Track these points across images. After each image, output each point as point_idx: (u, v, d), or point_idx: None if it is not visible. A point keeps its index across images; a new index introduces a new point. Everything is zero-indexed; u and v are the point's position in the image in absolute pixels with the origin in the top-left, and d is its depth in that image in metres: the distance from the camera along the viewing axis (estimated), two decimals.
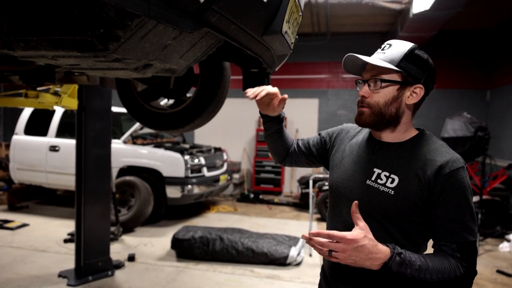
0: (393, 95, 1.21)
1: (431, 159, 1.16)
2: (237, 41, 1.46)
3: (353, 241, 1.06)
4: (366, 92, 1.24)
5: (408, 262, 1.08)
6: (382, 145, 1.28)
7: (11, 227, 5.31)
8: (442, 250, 1.14)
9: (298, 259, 4.24)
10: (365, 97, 1.24)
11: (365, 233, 1.08)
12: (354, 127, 1.48)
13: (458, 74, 7.87)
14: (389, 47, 1.22)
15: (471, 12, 6.30)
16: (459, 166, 1.14)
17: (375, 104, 1.22)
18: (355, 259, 1.07)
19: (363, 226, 1.09)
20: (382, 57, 1.21)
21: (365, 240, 1.06)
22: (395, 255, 1.08)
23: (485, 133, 5.18)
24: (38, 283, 3.60)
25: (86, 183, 3.66)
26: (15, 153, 6.40)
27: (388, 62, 1.19)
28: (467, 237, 1.12)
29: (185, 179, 5.56)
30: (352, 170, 1.31)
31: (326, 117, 8.56)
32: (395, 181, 1.18)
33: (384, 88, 1.21)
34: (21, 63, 1.91)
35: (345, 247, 1.06)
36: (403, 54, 1.19)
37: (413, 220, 1.17)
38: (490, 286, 3.89)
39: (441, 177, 1.13)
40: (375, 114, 1.22)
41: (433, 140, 1.25)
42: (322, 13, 7.02)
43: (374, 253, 1.07)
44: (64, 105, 3.67)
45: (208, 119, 2.44)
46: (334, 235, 1.07)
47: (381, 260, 1.07)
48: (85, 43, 1.13)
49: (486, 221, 5.39)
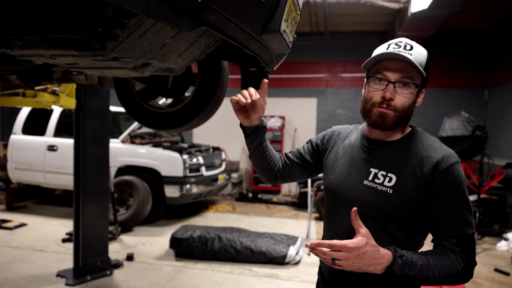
0: (413, 99, 1.22)
1: (427, 156, 1.17)
2: (235, 40, 1.46)
3: (355, 249, 1.06)
4: (394, 94, 1.18)
5: (410, 263, 1.09)
6: (377, 144, 1.27)
7: (9, 226, 5.30)
8: (442, 245, 1.16)
9: (297, 258, 4.24)
10: (392, 100, 1.19)
11: (367, 239, 1.08)
12: (344, 129, 1.46)
13: (456, 73, 7.88)
14: (412, 49, 1.18)
15: (469, 11, 6.31)
16: (454, 161, 1.16)
17: (401, 107, 1.20)
18: (359, 265, 1.08)
19: (364, 233, 1.09)
20: (412, 59, 1.16)
21: (367, 246, 1.07)
22: (397, 258, 1.09)
23: (483, 132, 5.19)
24: (37, 283, 3.59)
25: (84, 182, 3.65)
26: (13, 152, 6.38)
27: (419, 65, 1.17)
28: (466, 230, 1.14)
29: (184, 179, 5.56)
30: (347, 171, 1.31)
31: (325, 117, 8.56)
32: (392, 179, 1.19)
33: (414, 93, 1.21)
34: (18, 62, 1.90)
35: (347, 255, 1.07)
36: (426, 58, 1.20)
37: (411, 217, 1.18)
38: (488, 285, 3.90)
39: (438, 174, 1.14)
40: (399, 117, 1.20)
41: (426, 136, 1.26)
42: (321, 12, 7.03)
43: (376, 258, 1.07)
44: (62, 104, 3.66)
45: (206, 118, 2.43)
46: (335, 245, 1.07)
47: (384, 265, 1.08)
48: (83, 42, 1.13)
49: (484, 220, 5.41)
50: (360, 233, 1.09)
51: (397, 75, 1.18)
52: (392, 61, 1.19)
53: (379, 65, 1.22)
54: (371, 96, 1.23)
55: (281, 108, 8.60)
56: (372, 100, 1.22)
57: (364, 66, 1.27)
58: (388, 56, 1.18)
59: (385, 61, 1.20)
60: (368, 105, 1.24)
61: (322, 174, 1.46)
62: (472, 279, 3.95)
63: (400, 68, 1.18)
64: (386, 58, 1.20)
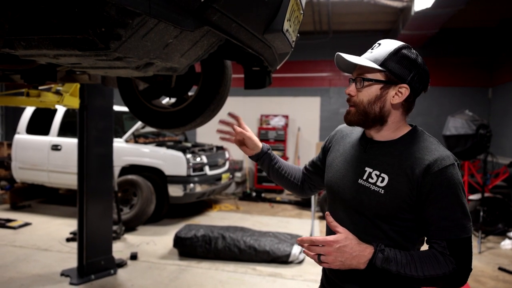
0: (376, 94, 1.21)
1: (420, 158, 1.16)
2: (238, 39, 1.46)
3: (335, 242, 1.12)
4: (352, 90, 1.25)
5: (392, 258, 1.11)
6: (374, 144, 1.28)
7: (13, 226, 5.33)
8: (432, 247, 1.16)
9: (300, 257, 4.24)
10: (352, 96, 1.25)
11: (346, 234, 1.14)
12: (348, 127, 1.47)
13: (460, 72, 7.85)
14: (378, 46, 1.23)
15: (472, 10, 6.28)
16: (448, 164, 1.13)
17: (360, 103, 1.23)
18: (341, 259, 1.12)
19: (342, 230, 1.15)
20: (368, 56, 1.22)
21: (347, 240, 1.13)
22: (378, 252, 1.12)
23: (486, 131, 5.17)
24: (41, 282, 3.61)
25: (88, 182, 3.67)
26: (17, 152, 6.41)
27: (372, 61, 1.19)
28: (460, 234, 1.12)
29: (187, 178, 5.57)
30: (345, 169, 1.33)
31: (328, 115, 8.54)
32: (385, 180, 1.19)
33: (367, 87, 1.21)
34: (22, 62, 1.91)
35: (329, 249, 1.12)
36: (388, 53, 1.19)
37: (404, 218, 1.18)
38: (491, 284, 3.88)
39: (429, 176, 1.13)
40: (360, 113, 1.23)
41: (424, 137, 1.23)
42: (324, 11, 7.01)
43: (357, 251, 1.12)
44: (66, 104, 3.67)
45: (210, 117, 2.44)
46: (317, 240, 1.14)
47: (365, 258, 1.12)
48: (86, 42, 1.13)
49: (488, 218, 5.38)
50: (338, 233, 1.15)
51: (356, 73, 1.26)
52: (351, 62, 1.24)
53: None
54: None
55: (285, 107, 8.59)
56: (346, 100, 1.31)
57: (343, 71, 1.33)
58: (337, 60, 1.27)
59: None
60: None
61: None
62: (476, 278, 3.96)
63: (358, 66, 1.24)
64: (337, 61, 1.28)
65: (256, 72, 2.34)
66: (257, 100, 8.68)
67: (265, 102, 8.67)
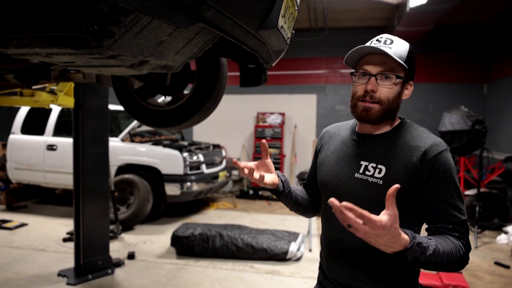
0: (398, 91, 1.25)
1: (415, 146, 1.20)
2: (232, 36, 1.45)
3: (379, 228, 0.98)
4: (376, 86, 1.22)
5: (423, 249, 1.05)
6: (366, 138, 1.30)
7: (9, 227, 5.31)
8: (439, 232, 1.17)
9: (298, 254, 4.25)
10: (374, 92, 1.22)
11: (393, 222, 0.99)
12: (334, 127, 1.49)
13: (455, 68, 7.86)
14: (392, 43, 1.23)
15: (467, 5, 6.29)
16: (443, 149, 1.18)
17: (386, 100, 1.23)
18: (373, 241, 1.02)
19: (393, 215, 1.00)
20: (391, 52, 1.21)
21: (390, 229, 0.99)
22: (415, 245, 1.03)
23: (482, 126, 5.18)
24: (38, 283, 3.60)
25: (84, 181, 3.65)
26: (12, 152, 6.38)
27: (398, 58, 1.21)
28: (459, 216, 1.16)
29: (184, 176, 5.56)
30: (338, 166, 1.33)
31: (325, 113, 8.55)
32: (382, 171, 1.21)
33: (393, 84, 1.23)
34: (15, 61, 1.89)
35: (369, 231, 0.98)
36: (407, 51, 1.24)
37: (404, 207, 1.18)
38: (488, 278, 3.90)
39: (427, 162, 1.17)
40: (384, 109, 1.23)
41: (414, 127, 1.28)
42: (320, 8, 7.00)
43: (393, 242, 1.02)
44: (61, 103, 3.65)
45: (205, 115, 2.43)
46: (364, 216, 0.98)
47: (397, 249, 1.03)
48: (79, 40, 1.12)
49: (483, 213, 5.42)
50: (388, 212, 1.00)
51: (378, 68, 1.23)
52: (373, 56, 1.24)
53: (362, 61, 1.27)
54: (355, 90, 1.28)
55: (281, 104, 8.59)
56: (357, 94, 1.27)
57: (346, 62, 1.31)
58: (366, 50, 1.23)
59: (366, 57, 1.26)
60: (354, 100, 1.28)
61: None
62: (472, 272, 3.98)
63: (380, 61, 1.22)
64: (366, 53, 1.25)
65: (252, 70, 2.33)
66: (253, 97, 8.66)
67: (262, 99, 8.66)
